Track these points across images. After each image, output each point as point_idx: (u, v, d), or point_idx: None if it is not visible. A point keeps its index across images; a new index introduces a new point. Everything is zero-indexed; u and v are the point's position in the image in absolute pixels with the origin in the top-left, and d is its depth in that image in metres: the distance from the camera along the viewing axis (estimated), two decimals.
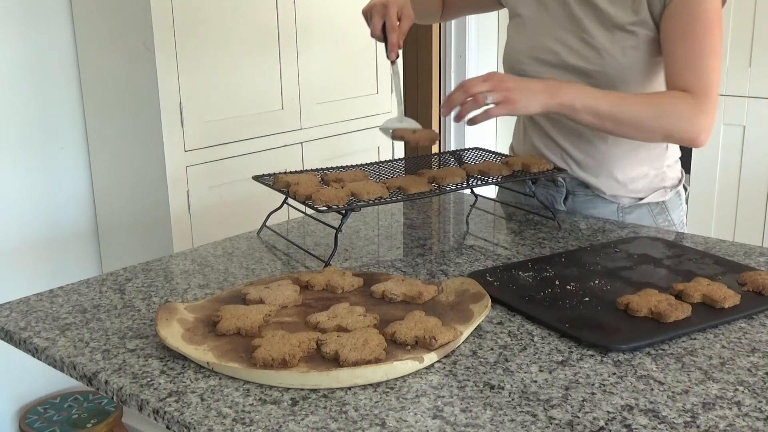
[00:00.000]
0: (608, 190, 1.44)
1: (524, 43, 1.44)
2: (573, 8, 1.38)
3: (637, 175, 1.43)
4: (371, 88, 2.64)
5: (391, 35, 1.41)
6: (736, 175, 2.88)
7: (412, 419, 0.78)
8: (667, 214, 1.47)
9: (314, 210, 1.20)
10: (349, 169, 1.43)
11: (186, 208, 2.11)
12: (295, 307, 1.03)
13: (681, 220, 1.50)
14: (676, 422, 0.77)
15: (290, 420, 0.79)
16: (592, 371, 0.88)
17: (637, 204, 1.45)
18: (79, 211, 2.30)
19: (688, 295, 1.03)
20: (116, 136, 2.18)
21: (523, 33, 1.45)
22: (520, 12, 1.47)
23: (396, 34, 1.41)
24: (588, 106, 1.24)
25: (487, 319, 1.01)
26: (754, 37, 2.75)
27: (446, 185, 1.31)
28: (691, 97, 1.27)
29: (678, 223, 1.49)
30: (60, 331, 1.00)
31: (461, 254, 1.28)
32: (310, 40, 2.38)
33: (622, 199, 1.45)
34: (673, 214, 1.48)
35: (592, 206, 1.46)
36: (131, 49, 2.03)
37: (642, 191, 1.45)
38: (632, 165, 1.43)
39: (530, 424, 0.77)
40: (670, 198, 1.47)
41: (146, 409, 0.83)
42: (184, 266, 1.25)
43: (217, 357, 0.89)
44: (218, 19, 2.12)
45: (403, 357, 0.87)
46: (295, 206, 1.36)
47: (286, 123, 2.35)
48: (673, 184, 1.48)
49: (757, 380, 0.85)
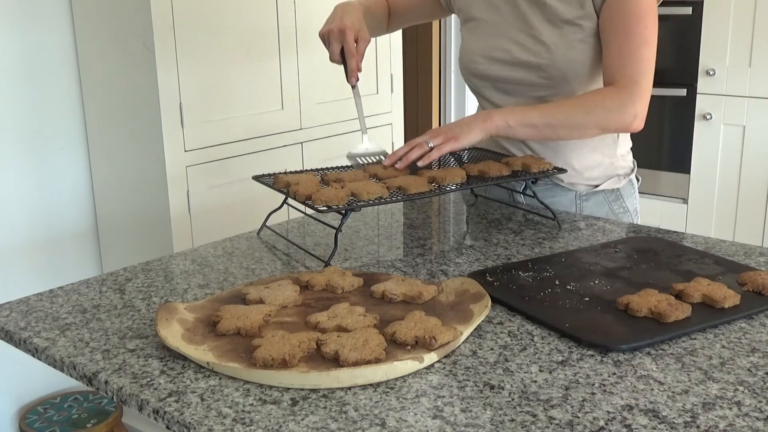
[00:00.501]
0: (566, 177, 1.51)
1: (479, 43, 1.51)
2: (521, 7, 1.45)
3: (592, 163, 1.51)
4: (371, 88, 2.64)
5: (350, 61, 1.44)
6: (736, 175, 2.88)
7: (412, 419, 0.78)
8: (622, 200, 1.55)
9: (314, 210, 1.20)
10: (349, 169, 1.43)
11: (186, 208, 2.11)
12: (295, 307, 1.03)
13: (635, 207, 1.58)
14: (676, 422, 0.77)
15: (290, 420, 0.79)
16: (592, 371, 0.88)
17: (593, 191, 1.53)
18: (79, 211, 2.30)
19: (688, 295, 1.04)
20: (116, 136, 2.18)
21: (478, 35, 1.52)
22: (474, 16, 1.54)
23: (355, 59, 1.44)
24: (520, 121, 1.34)
25: (487, 319, 1.01)
26: (754, 37, 2.75)
27: (446, 185, 1.31)
28: (617, 89, 1.34)
29: (632, 210, 1.57)
30: (60, 331, 1.00)
31: (461, 254, 1.28)
32: (310, 40, 2.38)
33: (578, 186, 1.52)
34: (627, 201, 1.56)
35: (551, 194, 1.52)
36: (131, 49, 2.03)
37: (597, 179, 1.52)
38: (586, 153, 1.50)
39: (530, 424, 0.77)
40: (623, 186, 1.55)
41: (146, 409, 0.83)
42: (184, 266, 1.25)
43: (217, 357, 0.89)
44: (218, 19, 2.12)
45: (403, 357, 0.87)
46: (295, 206, 1.36)
47: (286, 123, 2.35)
48: (626, 172, 1.56)
49: (757, 380, 0.86)
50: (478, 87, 1.56)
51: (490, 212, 1.52)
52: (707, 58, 2.84)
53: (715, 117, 2.87)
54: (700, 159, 2.96)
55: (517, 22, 1.46)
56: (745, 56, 2.77)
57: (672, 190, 3.06)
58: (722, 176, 2.92)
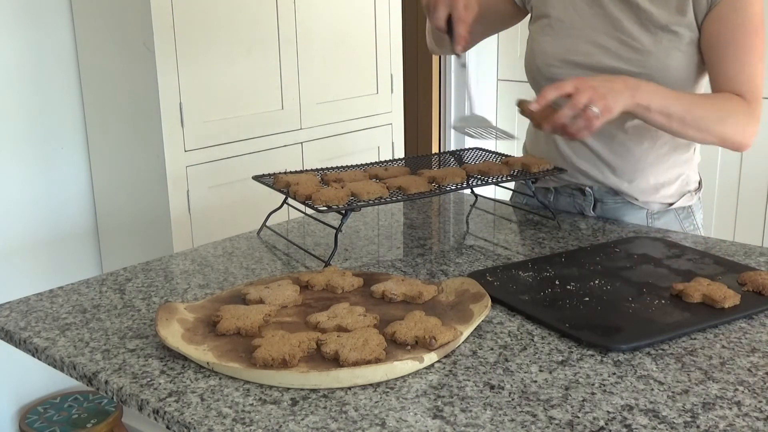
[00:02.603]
0: (641, 195, 1.42)
1: (554, 45, 1.40)
2: (609, 8, 1.35)
3: (669, 179, 1.42)
4: (371, 88, 2.64)
5: (458, 26, 1.30)
6: (736, 175, 2.88)
7: (412, 419, 0.78)
8: (693, 218, 1.47)
9: (314, 210, 1.20)
10: (349, 169, 1.43)
11: (186, 208, 2.11)
12: (295, 307, 1.03)
13: (702, 222, 1.50)
14: (676, 422, 0.77)
15: (290, 420, 0.79)
16: (592, 371, 0.88)
17: (666, 209, 1.44)
18: (79, 211, 2.30)
19: (688, 295, 1.04)
20: (116, 136, 2.18)
21: (552, 35, 1.41)
22: (548, 13, 1.42)
23: (464, 25, 1.30)
24: (661, 108, 1.23)
25: (487, 319, 1.01)
26: None
27: (446, 185, 1.31)
28: (746, 104, 1.28)
29: (700, 225, 1.49)
30: (60, 331, 1.00)
31: (461, 254, 1.28)
32: (310, 40, 2.38)
33: (652, 204, 1.44)
34: (697, 216, 1.48)
35: (621, 213, 1.45)
36: (131, 49, 2.03)
37: (672, 196, 1.44)
38: (665, 168, 1.42)
39: (530, 424, 0.77)
40: (694, 202, 1.47)
41: (146, 409, 0.83)
42: (184, 266, 1.25)
43: (217, 357, 0.89)
44: (218, 19, 2.12)
45: (403, 357, 0.87)
46: (295, 206, 1.36)
47: (286, 123, 2.36)
48: (696, 187, 1.48)
49: (757, 380, 0.86)
50: None
51: (490, 212, 1.52)
52: None
53: None
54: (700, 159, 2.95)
55: (601, 24, 1.36)
56: None
57: None
58: (722, 176, 2.92)
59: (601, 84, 1.19)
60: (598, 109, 1.15)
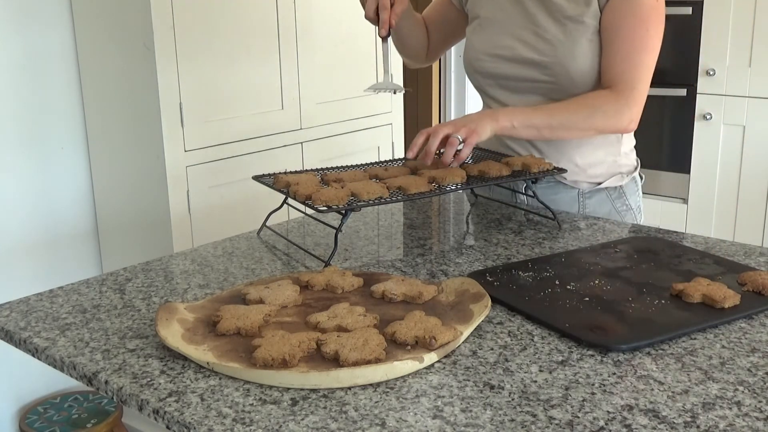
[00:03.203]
0: (569, 175, 1.51)
1: (483, 42, 1.52)
2: (526, 5, 1.46)
3: (595, 161, 1.51)
4: None
5: (382, 13, 1.45)
6: (736, 175, 2.88)
7: (412, 419, 0.78)
8: (625, 198, 1.55)
9: (314, 210, 1.20)
10: (349, 169, 1.43)
11: (186, 208, 2.11)
12: (295, 307, 1.03)
13: (638, 204, 1.58)
14: (676, 422, 0.77)
15: (290, 420, 0.79)
16: (592, 371, 0.88)
17: (595, 189, 1.53)
18: (79, 211, 2.30)
19: (688, 295, 1.04)
20: (116, 136, 2.18)
21: (482, 33, 1.53)
22: (479, 14, 1.54)
23: (387, 12, 1.44)
24: (523, 123, 1.36)
25: (487, 319, 1.01)
26: (754, 37, 2.75)
27: (446, 185, 1.31)
28: (615, 94, 1.38)
29: (635, 207, 1.57)
30: (60, 331, 1.00)
31: (461, 254, 1.28)
32: (310, 40, 2.38)
33: (581, 184, 1.52)
34: (630, 198, 1.56)
35: (553, 192, 1.52)
36: (131, 49, 2.03)
37: (600, 176, 1.52)
38: (590, 150, 1.50)
39: (530, 424, 0.77)
40: (626, 183, 1.55)
41: (146, 409, 0.83)
42: (184, 266, 1.25)
43: (217, 357, 0.89)
44: (218, 19, 2.12)
45: (403, 357, 0.87)
46: (295, 206, 1.36)
47: (286, 123, 2.36)
48: (629, 170, 1.56)
49: (757, 380, 0.86)
50: (482, 85, 1.56)
51: (490, 212, 1.52)
52: (707, 58, 2.84)
53: (715, 117, 2.87)
54: (700, 159, 2.96)
55: (521, 19, 1.47)
56: (745, 56, 2.77)
57: (672, 190, 3.06)
58: (722, 176, 2.92)
59: (460, 119, 1.36)
60: (462, 136, 1.30)
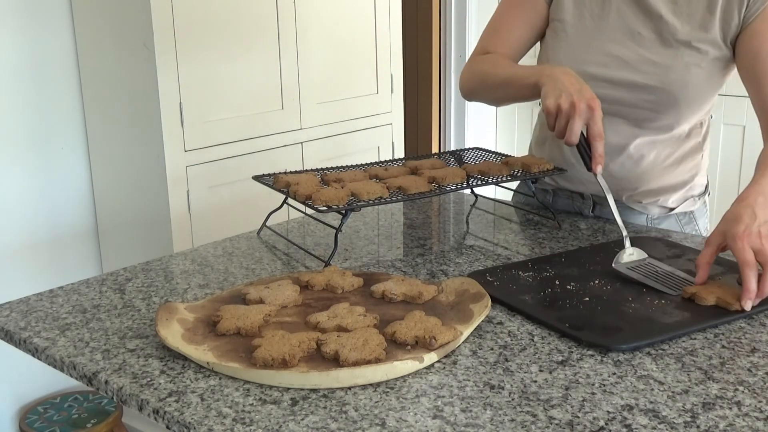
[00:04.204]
0: (642, 200, 1.40)
1: (567, 53, 1.35)
2: (629, 19, 1.31)
3: (673, 186, 1.40)
4: (371, 88, 2.64)
5: (597, 144, 1.17)
6: (736, 175, 2.88)
7: (412, 419, 0.78)
8: (695, 223, 1.44)
9: (314, 210, 1.20)
10: (349, 169, 1.43)
11: (186, 208, 2.11)
12: (295, 307, 1.03)
13: (706, 227, 1.47)
14: (676, 422, 0.77)
15: (290, 420, 0.79)
16: (592, 371, 0.88)
17: (666, 214, 1.42)
18: (79, 211, 2.30)
19: (701, 299, 1.03)
20: (116, 136, 2.18)
21: (565, 41, 1.36)
22: (563, 17, 1.37)
23: (602, 143, 1.17)
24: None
25: (487, 319, 1.01)
26: None
27: (446, 185, 1.31)
28: None
29: (704, 231, 1.46)
30: (60, 331, 1.00)
31: (461, 254, 1.28)
32: (310, 40, 2.38)
33: (652, 209, 1.42)
34: (700, 222, 1.45)
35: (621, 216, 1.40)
36: (131, 49, 2.03)
37: (674, 202, 1.42)
38: (671, 178, 1.39)
39: (530, 424, 0.77)
40: (698, 207, 1.45)
41: (146, 409, 0.83)
42: (184, 266, 1.25)
43: (217, 357, 0.89)
44: (218, 18, 2.12)
45: (403, 357, 0.87)
46: (295, 206, 1.36)
47: (286, 123, 2.36)
48: (701, 192, 1.45)
49: (757, 380, 0.86)
50: None
51: (490, 212, 1.52)
52: None
53: (715, 117, 2.87)
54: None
55: (617, 33, 1.31)
56: None
57: None
58: (722, 176, 2.92)
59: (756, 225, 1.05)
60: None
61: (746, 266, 1.01)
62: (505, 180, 1.36)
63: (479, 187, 1.38)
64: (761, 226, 1.04)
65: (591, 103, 1.14)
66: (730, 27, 1.27)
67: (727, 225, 1.06)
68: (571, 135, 1.15)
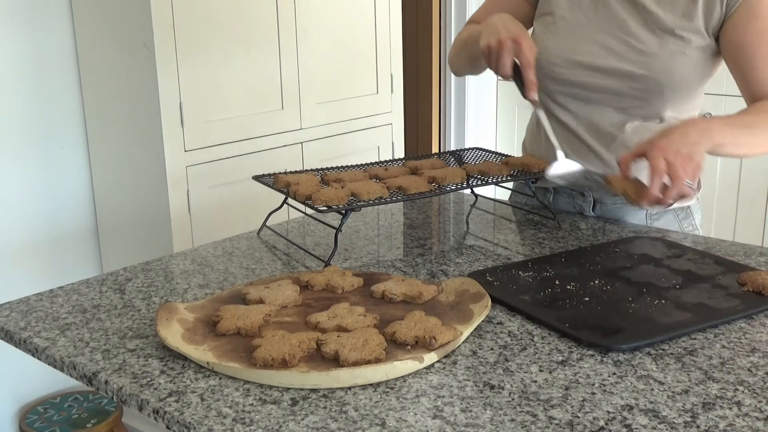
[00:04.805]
0: None
1: (558, 44, 1.39)
2: (615, 9, 1.35)
3: None
4: (371, 88, 2.64)
5: (528, 72, 1.26)
6: (736, 175, 2.88)
7: (412, 419, 0.78)
8: (691, 218, 1.47)
9: (314, 210, 1.20)
10: (349, 169, 1.43)
11: (186, 208, 2.11)
12: (295, 307, 1.03)
13: (700, 222, 1.50)
14: (676, 422, 0.77)
15: (290, 420, 0.79)
16: (592, 371, 0.88)
17: (665, 210, 1.43)
18: (79, 211, 2.30)
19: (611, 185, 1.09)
20: (116, 136, 2.18)
21: (556, 33, 1.40)
22: (552, 11, 1.42)
23: (532, 70, 1.26)
24: (732, 140, 1.21)
25: (487, 319, 1.01)
26: None
27: (446, 185, 1.31)
28: None
29: (699, 225, 1.49)
30: (60, 331, 1.00)
31: (461, 254, 1.28)
32: (310, 40, 2.38)
33: None
34: (696, 216, 1.48)
35: (620, 214, 1.45)
36: (131, 49, 2.03)
37: None
38: None
39: (530, 424, 0.77)
40: (693, 202, 1.47)
41: (146, 409, 0.83)
42: (184, 266, 1.25)
43: (217, 357, 0.89)
44: (218, 19, 2.12)
45: (403, 357, 0.87)
46: (295, 206, 1.36)
47: (286, 123, 2.36)
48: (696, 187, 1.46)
49: (757, 380, 0.86)
50: (553, 92, 1.42)
51: (490, 212, 1.52)
52: None
53: None
54: None
55: (605, 24, 1.35)
56: None
57: None
58: (722, 176, 2.92)
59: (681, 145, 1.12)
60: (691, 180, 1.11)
61: (655, 173, 1.09)
62: (505, 180, 1.36)
63: (479, 187, 1.37)
64: (684, 147, 1.12)
65: (517, 38, 1.24)
66: (713, 16, 1.29)
67: (657, 136, 1.14)
68: (500, 68, 1.26)
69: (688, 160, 1.11)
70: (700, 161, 1.13)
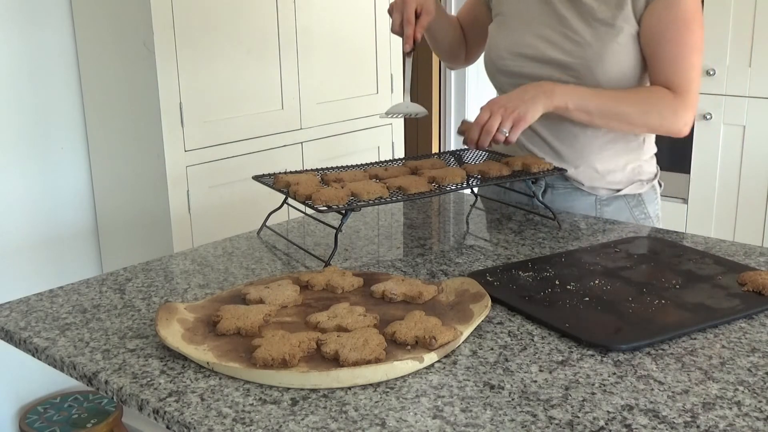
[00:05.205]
0: (587, 181, 1.48)
1: (505, 39, 1.49)
2: (556, 5, 1.44)
3: (615, 167, 1.48)
4: (371, 88, 2.64)
5: (407, 28, 1.45)
6: (736, 175, 2.88)
7: (412, 419, 0.78)
8: (644, 206, 1.52)
9: (314, 210, 1.20)
10: (349, 169, 1.43)
11: (186, 208, 2.11)
12: (295, 307, 1.03)
13: (656, 213, 1.55)
14: (676, 422, 0.77)
15: (290, 420, 0.79)
16: (592, 371, 0.88)
17: (614, 196, 1.49)
18: (79, 211, 2.30)
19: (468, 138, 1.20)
20: (116, 136, 2.18)
21: (505, 30, 1.51)
22: (501, 10, 1.53)
23: (411, 27, 1.45)
24: (579, 105, 1.34)
25: (487, 319, 1.01)
26: (754, 37, 2.75)
27: (446, 185, 1.31)
28: (673, 95, 1.36)
29: (654, 216, 1.54)
30: (60, 331, 1.00)
31: (461, 254, 1.28)
32: (310, 40, 2.38)
33: (600, 191, 1.49)
34: (649, 206, 1.53)
35: (571, 199, 1.50)
36: (131, 49, 2.03)
37: (619, 183, 1.49)
38: (611, 156, 1.47)
39: (530, 424, 0.77)
40: (646, 191, 1.52)
41: (146, 409, 0.83)
42: (184, 266, 1.25)
43: (217, 357, 0.89)
44: (218, 19, 2.12)
45: (403, 357, 0.87)
46: (295, 206, 1.36)
47: (286, 123, 2.35)
48: (649, 177, 1.53)
49: (757, 380, 0.86)
50: (502, 84, 1.52)
51: (490, 212, 1.52)
52: (707, 58, 2.84)
53: (715, 117, 2.87)
54: (700, 159, 2.95)
55: (548, 18, 1.44)
56: (745, 56, 2.77)
57: (672, 190, 3.06)
58: (722, 176, 2.92)
59: (511, 100, 1.31)
60: (507, 128, 1.29)
61: (475, 122, 1.31)
62: (505, 180, 1.36)
63: (479, 187, 1.37)
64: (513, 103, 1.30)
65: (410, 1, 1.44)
66: (638, 3, 1.37)
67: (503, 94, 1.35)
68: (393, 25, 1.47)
69: (510, 112, 1.29)
70: (525, 115, 1.29)
